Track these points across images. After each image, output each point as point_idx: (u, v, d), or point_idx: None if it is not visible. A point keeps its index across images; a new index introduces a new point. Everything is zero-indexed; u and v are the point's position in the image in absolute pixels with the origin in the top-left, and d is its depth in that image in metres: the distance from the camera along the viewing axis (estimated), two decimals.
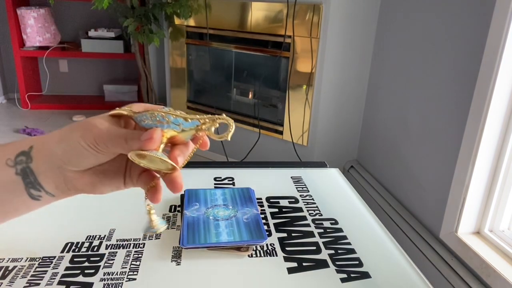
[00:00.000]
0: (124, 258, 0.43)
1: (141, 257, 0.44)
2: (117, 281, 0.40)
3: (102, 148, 0.35)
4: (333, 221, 0.53)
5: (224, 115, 0.37)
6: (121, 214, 0.52)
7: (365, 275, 0.43)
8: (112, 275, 0.41)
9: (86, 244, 0.45)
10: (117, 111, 0.37)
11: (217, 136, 0.36)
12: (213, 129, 0.36)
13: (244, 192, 0.57)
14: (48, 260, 0.42)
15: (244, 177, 0.65)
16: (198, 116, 0.36)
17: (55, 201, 0.38)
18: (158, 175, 0.39)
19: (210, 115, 0.36)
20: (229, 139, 0.36)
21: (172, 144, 0.37)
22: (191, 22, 2.42)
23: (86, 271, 0.41)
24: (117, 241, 0.46)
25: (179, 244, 0.45)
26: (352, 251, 0.47)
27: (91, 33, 3.24)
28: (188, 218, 0.50)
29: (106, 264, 0.42)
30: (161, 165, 0.37)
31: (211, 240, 0.45)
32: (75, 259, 0.43)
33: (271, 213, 0.55)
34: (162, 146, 0.36)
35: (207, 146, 0.38)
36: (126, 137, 0.35)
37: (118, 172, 0.40)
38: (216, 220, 0.50)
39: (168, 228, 0.50)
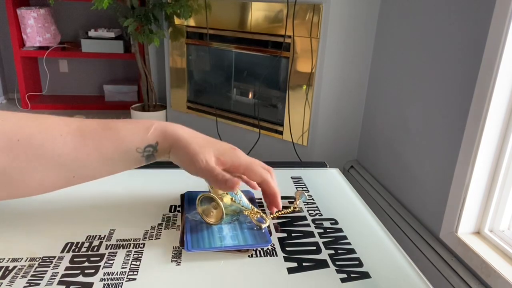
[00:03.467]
0: (124, 258, 0.43)
1: (141, 257, 0.44)
2: (117, 281, 0.40)
3: (200, 177, 0.48)
4: (333, 221, 0.53)
5: (268, 216, 0.51)
6: (121, 214, 0.52)
7: (365, 275, 0.43)
8: (112, 275, 0.41)
9: (86, 244, 0.45)
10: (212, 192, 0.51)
11: (257, 223, 0.49)
12: (255, 217, 0.50)
13: (245, 194, 0.57)
14: (48, 260, 0.42)
15: None
16: (252, 205, 0.51)
17: None
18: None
19: (257, 210, 0.51)
20: (263, 227, 0.49)
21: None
22: (191, 22, 2.42)
23: (86, 271, 0.41)
24: (117, 241, 0.46)
25: (184, 248, 0.45)
26: (352, 251, 0.47)
27: (91, 33, 3.24)
28: (191, 222, 0.49)
29: (106, 264, 0.42)
30: (210, 216, 0.49)
31: (215, 244, 0.45)
32: (75, 259, 0.43)
33: (271, 213, 0.55)
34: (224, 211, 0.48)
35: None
36: (218, 176, 0.47)
37: None
38: (219, 223, 0.49)
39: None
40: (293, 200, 0.58)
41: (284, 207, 0.55)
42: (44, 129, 0.45)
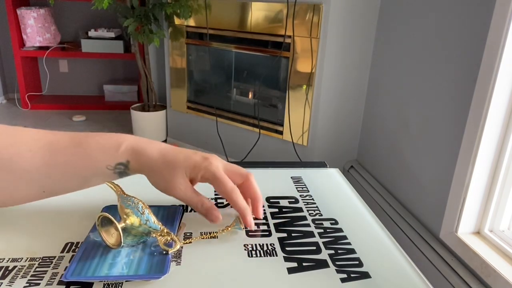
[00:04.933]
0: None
1: None
2: (117, 281, 0.40)
3: (175, 198, 0.48)
4: (333, 221, 0.53)
5: (178, 238, 0.45)
6: None
7: (365, 275, 0.43)
8: None
9: None
10: (110, 185, 0.47)
11: (163, 247, 0.43)
12: (163, 239, 0.43)
13: (170, 212, 0.50)
14: (48, 260, 0.42)
15: None
16: (162, 227, 0.44)
17: None
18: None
19: (168, 231, 0.44)
20: (169, 252, 0.43)
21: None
22: (191, 22, 2.42)
23: None
24: None
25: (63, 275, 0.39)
26: (352, 251, 0.47)
27: (91, 33, 3.24)
28: (88, 244, 0.43)
29: None
30: (110, 238, 0.43)
31: (101, 272, 0.39)
32: None
33: (271, 213, 0.55)
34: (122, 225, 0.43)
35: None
36: (197, 205, 0.47)
37: None
38: (121, 246, 0.43)
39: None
40: (293, 200, 0.58)
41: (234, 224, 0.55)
42: (14, 143, 0.45)
